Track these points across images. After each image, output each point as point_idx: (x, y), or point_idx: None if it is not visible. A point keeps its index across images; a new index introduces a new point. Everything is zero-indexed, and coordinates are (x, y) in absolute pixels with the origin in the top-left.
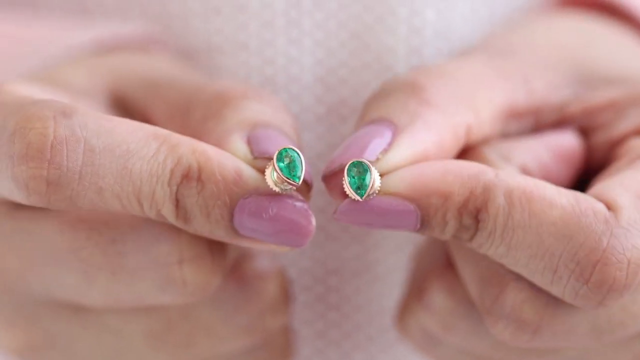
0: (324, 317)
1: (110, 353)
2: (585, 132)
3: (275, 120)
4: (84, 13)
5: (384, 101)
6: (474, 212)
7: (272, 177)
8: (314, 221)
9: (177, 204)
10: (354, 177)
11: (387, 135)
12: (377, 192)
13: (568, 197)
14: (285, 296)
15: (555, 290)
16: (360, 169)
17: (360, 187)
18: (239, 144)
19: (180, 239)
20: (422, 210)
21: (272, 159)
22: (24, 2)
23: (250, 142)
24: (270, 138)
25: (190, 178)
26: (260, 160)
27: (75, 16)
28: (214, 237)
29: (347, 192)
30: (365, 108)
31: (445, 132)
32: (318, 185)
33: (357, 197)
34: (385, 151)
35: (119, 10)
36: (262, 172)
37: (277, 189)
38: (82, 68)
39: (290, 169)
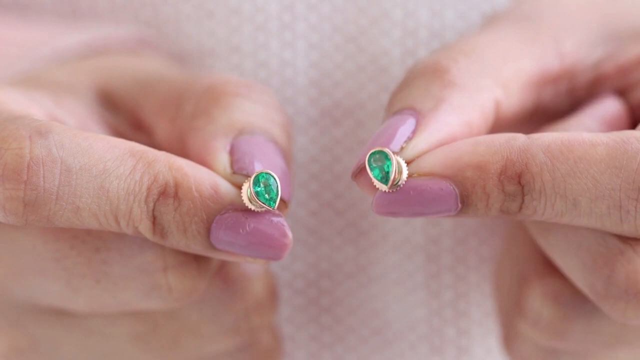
0: (317, 320)
1: (96, 356)
2: (622, 91)
3: (265, 122)
4: (76, 16)
5: (407, 90)
6: (515, 177)
7: (247, 195)
8: (290, 235)
9: (154, 220)
10: (376, 168)
11: (411, 123)
12: (405, 179)
13: (607, 135)
14: (272, 296)
15: (627, 229)
16: (381, 158)
17: (384, 177)
18: (221, 155)
19: (165, 246)
20: (459, 187)
21: (249, 180)
22: (15, 5)
23: (233, 152)
24: (254, 149)
25: (167, 195)
26: (238, 176)
27: (67, 19)
28: (191, 251)
29: (376, 185)
30: (390, 100)
31: (472, 111)
32: (310, 188)
33: (384, 187)
34: (409, 139)
35: (111, 14)
36: (239, 187)
37: (252, 207)
38: (68, 66)
39: (266, 192)
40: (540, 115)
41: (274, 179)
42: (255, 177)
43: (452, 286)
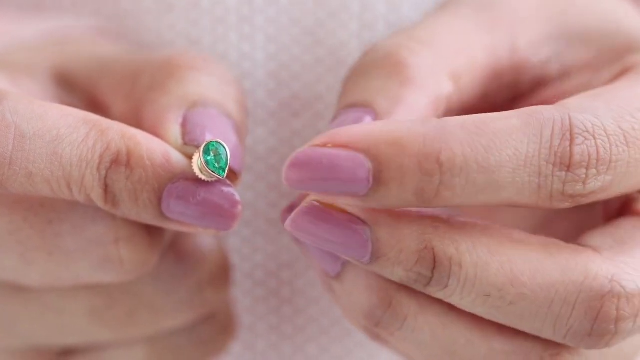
0: (278, 311)
1: (53, 331)
2: (565, 95)
3: (219, 95)
4: (39, 10)
5: (364, 82)
6: (434, 154)
7: (198, 164)
8: (239, 205)
9: (106, 188)
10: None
11: (367, 121)
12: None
13: (515, 111)
14: (225, 270)
15: (543, 197)
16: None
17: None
18: (173, 126)
19: (116, 218)
20: (373, 162)
21: (200, 149)
22: None
23: (184, 124)
24: (206, 121)
25: (119, 163)
26: (189, 147)
27: (29, 12)
28: (142, 220)
29: (206, 175)
30: (345, 86)
31: (425, 110)
32: (270, 179)
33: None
34: None
35: (72, 8)
36: (190, 158)
37: (202, 177)
38: (25, 50)
39: (216, 161)
40: (482, 107)
41: (224, 148)
42: (205, 145)
43: None
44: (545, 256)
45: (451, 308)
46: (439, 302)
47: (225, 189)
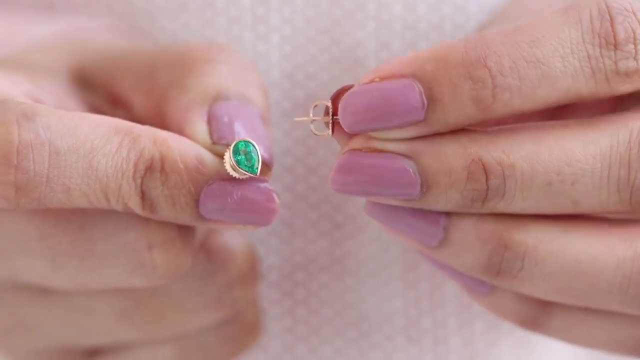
0: (292, 312)
1: (81, 332)
2: None
3: (239, 84)
4: (51, 11)
5: None
6: (480, 61)
7: (230, 163)
8: (277, 199)
9: (143, 195)
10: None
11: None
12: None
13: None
14: (253, 270)
15: (599, 81)
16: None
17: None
18: (199, 125)
19: (149, 224)
20: (423, 84)
21: (229, 148)
22: None
23: (210, 121)
24: (231, 114)
25: (154, 169)
26: (219, 146)
27: (42, 13)
28: (180, 223)
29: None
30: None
31: None
32: (284, 180)
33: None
34: None
35: (85, 8)
36: (221, 156)
37: (236, 175)
38: (42, 49)
39: (247, 160)
40: None
41: (253, 146)
42: (234, 146)
43: (429, 277)
44: (587, 130)
45: (564, 228)
46: (551, 225)
47: (261, 185)
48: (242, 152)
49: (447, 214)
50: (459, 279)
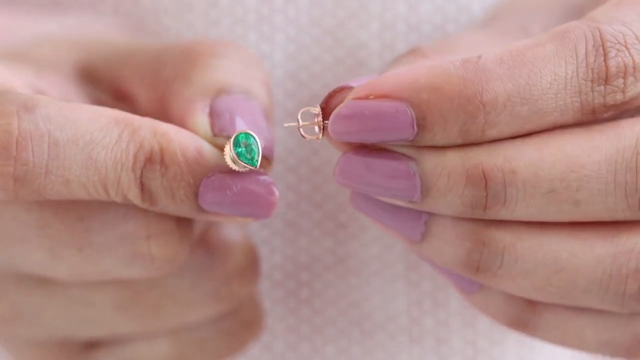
0: (296, 312)
1: (79, 323)
2: None
3: (243, 79)
4: (57, 9)
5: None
6: (475, 96)
7: (230, 156)
8: (277, 192)
9: (142, 187)
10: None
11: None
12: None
13: (547, 33)
14: (253, 263)
15: (586, 112)
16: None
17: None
18: (201, 117)
19: (147, 215)
20: (416, 110)
21: (230, 140)
22: None
23: (212, 113)
24: (233, 108)
25: (153, 161)
26: (220, 138)
27: (48, 11)
28: (180, 214)
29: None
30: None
31: None
32: (288, 180)
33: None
34: None
35: (91, 7)
36: (221, 149)
37: (236, 168)
38: (47, 43)
39: (247, 152)
40: None
41: (254, 138)
42: (235, 138)
43: (431, 277)
44: (591, 136)
45: (543, 226)
46: (530, 224)
47: (261, 178)
48: (243, 144)
49: None
50: (449, 276)
